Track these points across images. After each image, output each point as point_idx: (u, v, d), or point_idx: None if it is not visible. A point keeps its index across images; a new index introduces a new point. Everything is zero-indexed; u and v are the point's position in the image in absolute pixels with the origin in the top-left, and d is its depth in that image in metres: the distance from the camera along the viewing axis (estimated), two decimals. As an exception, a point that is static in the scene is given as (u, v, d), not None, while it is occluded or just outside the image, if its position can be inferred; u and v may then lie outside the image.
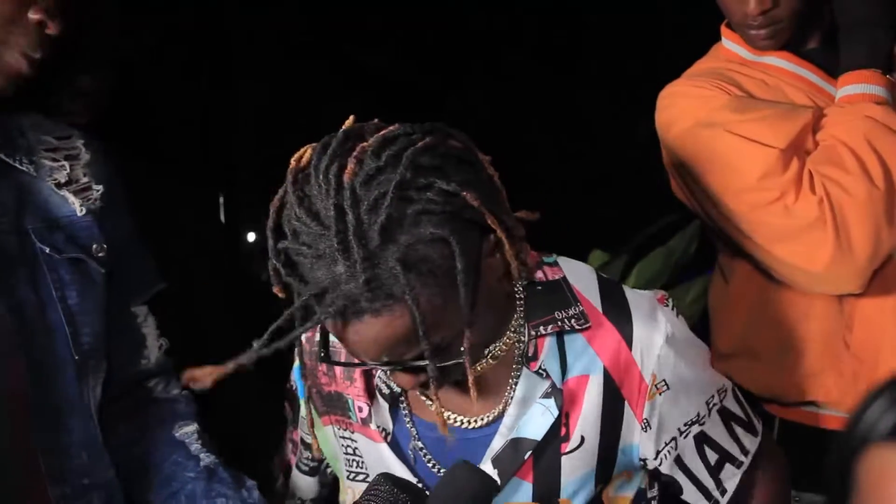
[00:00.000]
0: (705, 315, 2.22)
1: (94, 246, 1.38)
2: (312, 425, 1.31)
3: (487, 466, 1.24)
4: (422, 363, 1.07)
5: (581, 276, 1.29)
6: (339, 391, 1.36)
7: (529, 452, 1.24)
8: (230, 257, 2.72)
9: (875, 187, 1.51)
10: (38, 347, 1.28)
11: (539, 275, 1.27)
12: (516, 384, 1.25)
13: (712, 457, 1.34)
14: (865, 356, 1.63)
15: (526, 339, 1.24)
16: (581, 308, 1.24)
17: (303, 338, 1.26)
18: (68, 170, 1.39)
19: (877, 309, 1.63)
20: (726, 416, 1.35)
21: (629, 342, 1.25)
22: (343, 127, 1.11)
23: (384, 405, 1.32)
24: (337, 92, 3.45)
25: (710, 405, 1.33)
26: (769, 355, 1.72)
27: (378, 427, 1.32)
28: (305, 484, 1.56)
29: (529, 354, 1.25)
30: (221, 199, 3.75)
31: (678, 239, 2.91)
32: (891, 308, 1.63)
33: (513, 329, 1.25)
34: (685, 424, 1.30)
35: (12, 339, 1.25)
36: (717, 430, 1.34)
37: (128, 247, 1.46)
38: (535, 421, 1.23)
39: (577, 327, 1.24)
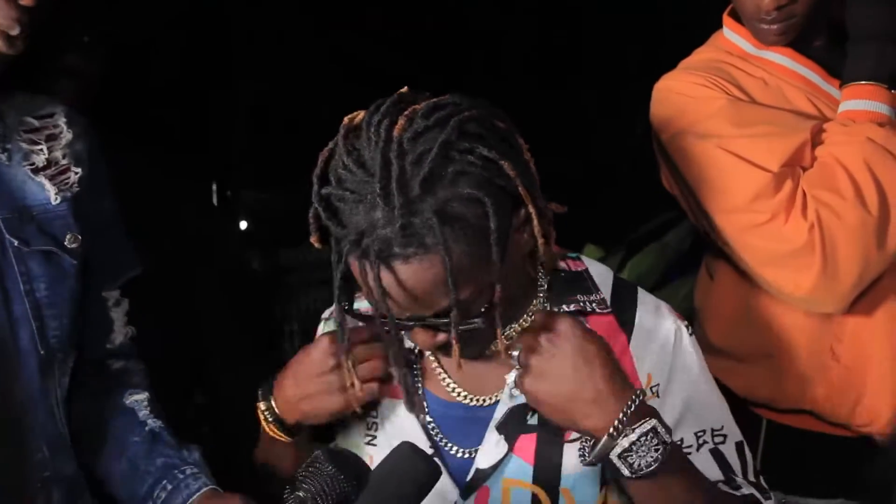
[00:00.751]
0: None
1: (68, 236, 1.36)
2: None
3: (492, 433, 1.26)
4: (444, 321, 1.11)
5: (600, 271, 1.33)
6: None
7: (529, 417, 1.25)
8: (223, 245, 2.71)
9: (868, 214, 1.48)
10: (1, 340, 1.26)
11: (563, 265, 1.31)
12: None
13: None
14: (855, 367, 1.62)
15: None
16: (602, 295, 1.29)
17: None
18: (46, 153, 1.37)
19: (866, 320, 1.61)
20: (723, 465, 1.26)
21: (629, 334, 1.27)
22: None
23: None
24: (334, 83, 3.45)
25: (700, 440, 1.26)
26: (755, 359, 1.71)
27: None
28: None
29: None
30: (214, 187, 3.74)
31: (673, 235, 2.91)
32: (880, 319, 1.61)
33: (530, 313, 1.28)
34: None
35: None
36: (706, 469, 1.23)
37: (105, 230, 1.44)
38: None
39: (598, 310, 1.27)
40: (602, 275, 1.33)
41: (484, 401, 1.30)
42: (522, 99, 3.73)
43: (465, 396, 1.30)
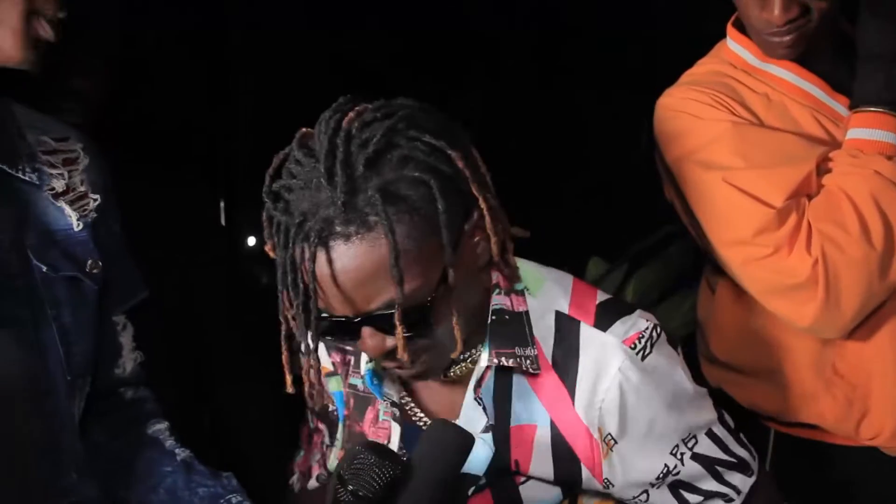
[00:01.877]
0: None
1: (90, 262, 1.35)
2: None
3: None
4: (390, 311, 1.06)
5: (543, 308, 1.24)
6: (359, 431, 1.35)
7: (473, 488, 1.22)
8: (231, 261, 2.72)
9: (872, 248, 1.46)
10: (32, 367, 1.27)
11: (506, 302, 1.23)
12: (460, 411, 1.24)
13: (694, 499, 1.29)
14: (859, 383, 1.61)
15: (483, 363, 1.21)
16: (535, 352, 1.21)
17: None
18: (66, 178, 1.36)
19: (868, 337, 1.60)
20: (706, 462, 1.27)
21: (572, 396, 1.20)
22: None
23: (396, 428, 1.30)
24: (337, 95, 3.45)
25: (678, 454, 1.25)
26: (758, 374, 1.70)
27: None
28: None
29: (477, 379, 1.22)
30: (222, 204, 3.75)
31: (677, 248, 2.90)
32: (884, 336, 1.60)
33: (476, 350, 1.23)
34: (656, 478, 1.25)
35: (12, 356, 1.24)
36: (697, 475, 1.27)
37: (115, 255, 1.43)
38: (477, 454, 1.18)
39: (530, 370, 1.20)
40: (544, 314, 1.23)
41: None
42: (523, 107, 3.74)
43: (421, 419, 1.28)
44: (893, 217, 1.48)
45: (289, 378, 1.16)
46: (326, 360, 1.38)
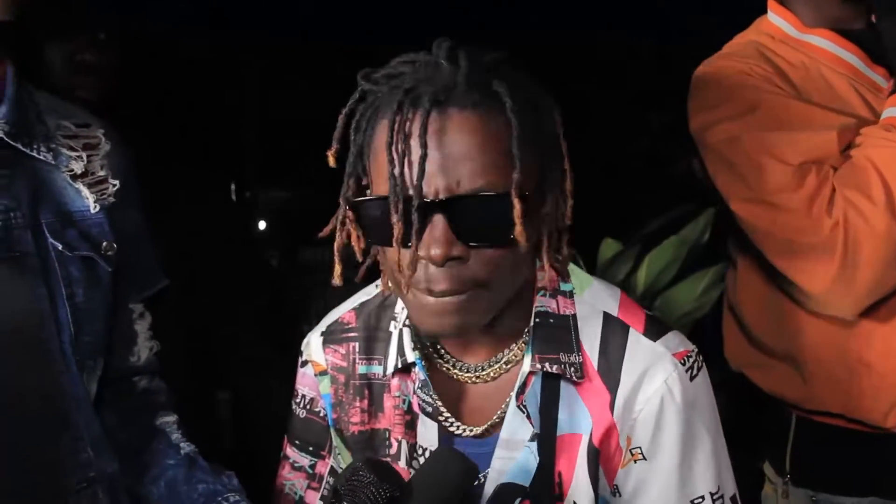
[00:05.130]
0: (717, 306, 2.20)
1: (105, 244, 1.36)
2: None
3: None
4: (487, 193, 1.00)
5: (592, 313, 1.19)
6: (374, 428, 1.28)
7: (520, 499, 1.15)
8: (242, 245, 2.71)
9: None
10: (48, 343, 1.28)
11: (552, 305, 1.18)
12: (506, 410, 1.18)
13: None
14: (888, 372, 1.57)
15: (526, 368, 1.15)
16: (580, 359, 1.15)
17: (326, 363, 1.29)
18: (85, 160, 1.37)
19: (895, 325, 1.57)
20: None
21: (613, 401, 1.14)
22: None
23: (431, 424, 1.22)
24: (347, 83, 3.45)
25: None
26: (781, 356, 1.68)
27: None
28: None
29: (520, 387, 1.16)
30: (233, 187, 3.75)
31: (691, 228, 2.88)
32: None
33: (518, 346, 1.19)
34: None
35: (29, 333, 1.25)
36: None
37: (134, 243, 1.44)
38: (523, 465, 1.15)
39: (574, 378, 1.14)
40: (591, 315, 1.18)
41: (468, 431, 1.20)
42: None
43: (458, 427, 1.20)
44: None
45: (338, 268, 1.12)
46: (321, 356, 1.32)
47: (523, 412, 1.15)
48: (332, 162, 1.06)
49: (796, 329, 1.63)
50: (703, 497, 1.15)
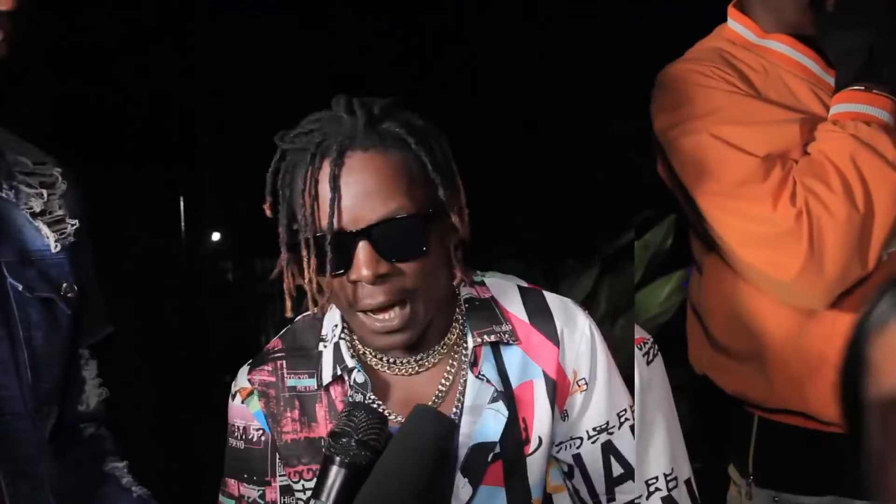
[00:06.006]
0: (681, 310, 2.20)
1: (65, 285, 1.32)
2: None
3: (458, 477, 1.27)
4: (402, 216, 1.18)
5: (505, 292, 1.39)
6: (308, 437, 1.33)
7: (492, 454, 1.28)
8: (194, 259, 2.67)
9: (855, 210, 1.50)
10: (7, 389, 1.23)
11: (472, 291, 1.38)
12: (464, 390, 1.31)
13: (616, 469, 1.35)
14: None
15: (471, 345, 1.32)
16: (510, 327, 1.34)
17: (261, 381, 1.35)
18: (45, 198, 1.33)
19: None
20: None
21: (557, 345, 1.34)
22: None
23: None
24: (304, 85, 3.42)
25: (622, 418, 1.35)
26: (744, 357, 1.70)
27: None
28: None
29: (471, 360, 1.32)
30: (182, 201, 3.68)
31: (654, 233, 2.90)
32: None
33: (456, 333, 1.35)
34: (594, 430, 1.35)
35: None
36: (626, 446, 1.35)
37: (87, 286, 1.39)
38: (489, 424, 1.29)
39: (510, 342, 1.34)
40: (509, 295, 1.38)
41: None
42: (500, 100, 3.73)
43: (398, 417, 1.30)
44: (871, 180, 1.52)
45: (289, 303, 1.28)
46: (245, 381, 1.38)
47: (482, 380, 1.31)
48: (268, 213, 1.24)
49: (759, 329, 1.66)
50: (656, 477, 1.34)
